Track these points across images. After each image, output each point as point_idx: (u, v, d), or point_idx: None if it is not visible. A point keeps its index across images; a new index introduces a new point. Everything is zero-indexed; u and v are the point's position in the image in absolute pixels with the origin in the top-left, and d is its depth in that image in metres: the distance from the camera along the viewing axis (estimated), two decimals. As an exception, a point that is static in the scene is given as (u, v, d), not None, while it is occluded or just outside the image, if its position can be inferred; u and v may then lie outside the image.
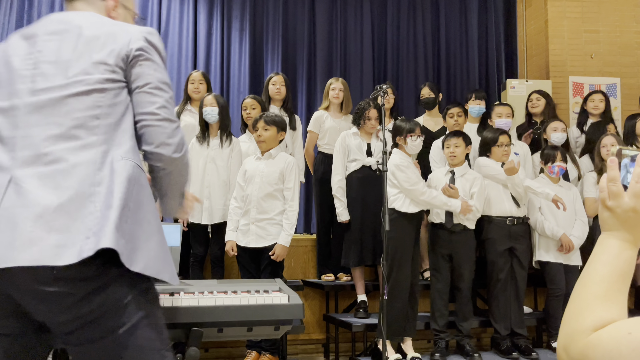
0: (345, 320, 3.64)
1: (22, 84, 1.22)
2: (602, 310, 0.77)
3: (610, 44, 5.51)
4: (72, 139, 1.17)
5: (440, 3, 5.90)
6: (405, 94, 5.67)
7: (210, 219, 3.56)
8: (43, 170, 1.15)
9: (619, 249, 0.81)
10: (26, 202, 1.12)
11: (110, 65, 1.23)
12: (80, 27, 1.28)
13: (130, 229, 1.14)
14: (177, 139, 1.26)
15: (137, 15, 1.54)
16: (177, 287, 1.88)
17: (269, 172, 3.30)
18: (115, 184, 1.15)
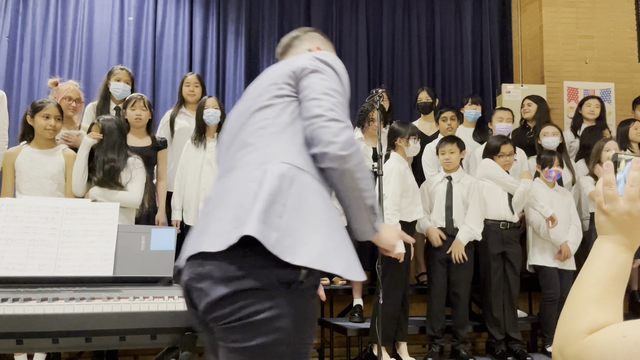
0: (340, 325, 3.63)
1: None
2: (598, 313, 0.77)
3: (604, 50, 5.54)
4: (245, 147, 1.32)
5: (436, 7, 5.92)
6: (400, 98, 5.68)
7: None
8: (224, 178, 1.33)
9: (614, 252, 0.81)
10: (208, 204, 1.29)
11: (278, 84, 1.36)
12: (271, 68, 1.47)
13: (287, 225, 1.15)
14: (343, 137, 1.26)
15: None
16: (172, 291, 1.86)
17: None
18: (266, 181, 1.20)
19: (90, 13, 5.19)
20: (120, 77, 3.75)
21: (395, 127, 3.43)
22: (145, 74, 5.24)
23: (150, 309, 1.73)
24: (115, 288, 1.84)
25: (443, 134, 3.91)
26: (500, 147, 3.63)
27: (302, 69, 1.35)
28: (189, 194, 3.52)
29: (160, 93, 5.28)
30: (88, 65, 5.12)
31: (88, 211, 1.98)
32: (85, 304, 1.68)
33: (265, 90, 1.37)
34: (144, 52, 5.27)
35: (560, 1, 5.54)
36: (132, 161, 3.08)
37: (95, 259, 1.91)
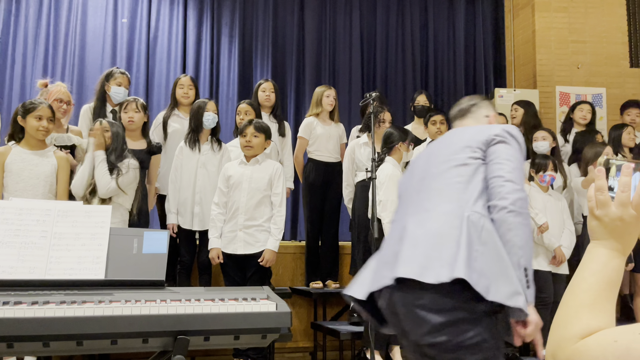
0: (333, 328, 3.62)
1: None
2: (590, 318, 0.78)
3: (596, 55, 5.59)
4: (441, 195, 1.61)
5: (429, 12, 5.95)
6: (394, 101, 5.69)
7: (201, 225, 3.50)
8: (419, 217, 1.60)
9: (607, 257, 0.82)
10: (406, 236, 1.56)
11: (473, 148, 1.67)
12: (463, 130, 1.81)
13: (481, 267, 1.44)
14: (514, 197, 1.56)
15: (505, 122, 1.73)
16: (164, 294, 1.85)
17: (257, 178, 3.27)
18: (464, 230, 1.49)
19: (84, 15, 5.17)
20: (122, 82, 3.74)
21: (394, 131, 3.43)
22: (139, 76, 5.23)
23: (142, 313, 1.72)
24: (107, 291, 1.83)
25: (432, 137, 3.92)
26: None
27: (493, 139, 1.68)
28: (184, 197, 3.50)
29: (153, 96, 5.26)
30: (81, 67, 5.10)
31: (80, 214, 1.97)
32: (76, 308, 1.67)
33: (461, 151, 1.69)
34: (137, 54, 5.25)
35: (553, 6, 5.58)
36: (127, 161, 3.06)
37: (87, 262, 1.90)
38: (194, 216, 3.50)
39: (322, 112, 4.16)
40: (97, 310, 1.68)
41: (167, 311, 1.74)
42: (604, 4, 5.64)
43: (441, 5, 5.99)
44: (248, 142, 3.26)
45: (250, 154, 3.30)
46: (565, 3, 5.60)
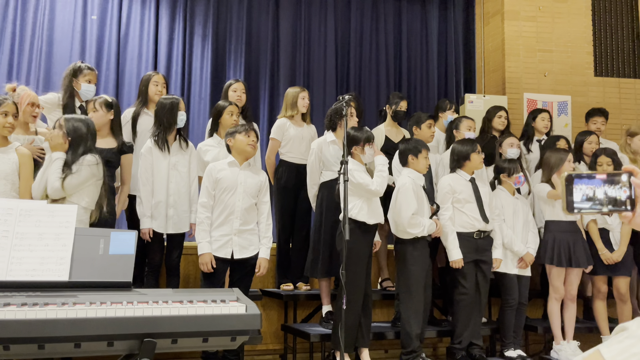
0: (303, 330, 3.62)
1: None
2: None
3: (562, 64, 5.75)
4: None
5: (403, 17, 6.02)
6: (367, 104, 5.73)
7: (176, 228, 3.42)
8: None
9: None
10: None
11: None
12: None
13: None
14: None
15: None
16: (131, 296, 1.82)
17: (251, 184, 3.22)
18: None
19: (52, 10, 5.04)
20: (91, 79, 3.64)
21: (350, 133, 3.37)
22: (109, 74, 5.12)
23: (107, 315, 1.68)
24: (71, 293, 1.79)
25: (426, 140, 3.84)
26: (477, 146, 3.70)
27: None
28: (157, 200, 3.40)
29: (123, 94, 5.17)
30: (48, 64, 4.97)
31: (44, 213, 1.91)
32: (38, 310, 1.62)
33: None
34: (107, 52, 5.15)
35: (522, 16, 5.72)
36: (83, 158, 2.91)
37: (50, 263, 1.85)
38: (167, 219, 3.42)
39: (296, 114, 4.14)
40: (60, 312, 1.64)
41: (134, 313, 1.71)
42: (570, 15, 5.81)
43: (414, 11, 6.07)
44: (254, 142, 3.26)
45: (251, 155, 3.29)
46: (533, 13, 5.75)
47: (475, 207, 3.63)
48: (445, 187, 3.67)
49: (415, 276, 3.45)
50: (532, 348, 4.41)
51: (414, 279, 3.45)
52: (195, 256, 3.32)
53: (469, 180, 3.68)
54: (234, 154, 3.25)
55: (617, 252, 3.80)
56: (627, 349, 0.70)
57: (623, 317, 3.89)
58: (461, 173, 3.70)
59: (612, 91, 5.82)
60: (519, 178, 3.78)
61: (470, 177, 3.68)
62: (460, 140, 3.84)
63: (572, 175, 0.91)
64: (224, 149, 3.56)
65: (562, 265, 3.72)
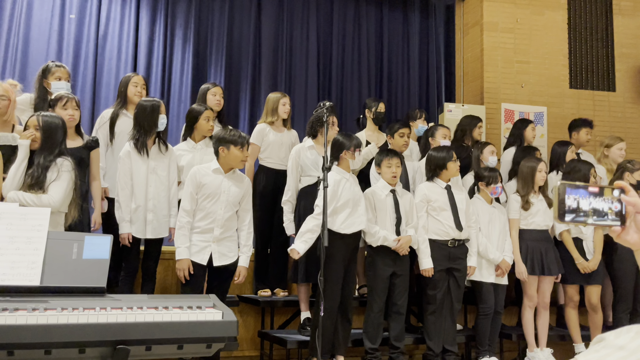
0: (280, 337, 3.60)
1: None
2: None
3: (539, 75, 5.87)
4: None
5: (384, 25, 6.07)
6: (349, 110, 5.76)
7: (155, 233, 3.36)
8: None
9: None
10: None
11: None
12: None
13: None
14: None
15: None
16: (104, 302, 1.78)
17: (234, 193, 3.16)
18: None
19: (29, 8, 4.95)
20: (61, 76, 3.57)
21: (339, 139, 3.40)
22: (86, 74, 5.04)
23: (80, 321, 1.64)
24: (42, 299, 1.74)
25: (399, 149, 3.90)
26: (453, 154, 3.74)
27: None
28: (136, 205, 3.34)
29: (101, 94, 5.09)
30: (24, 62, 4.87)
31: (15, 216, 1.87)
32: (7, 315, 1.58)
33: None
34: (85, 51, 5.07)
35: (500, 27, 5.83)
36: (61, 162, 2.86)
37: (21, 267, 1.80)
38: (147, 224, 3.35)
39: (277, 120, 4.12)
40: (30, 318, 1.59)
41: (107, 320, 1.68)
42: (547, 28, 5.94)
43: (396, 18, 6.13)
44: (246, 158, 3.20)
45: (241, 166, 3.23)
46: (511, 24, 5.86)
47: (450, 215, 3.65)
48: (420, 196, 3.70)
49: (372, 283, 3.52)
50: (506, 355, 4.46)
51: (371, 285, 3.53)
52: (173, 261, 3.28)
53: (445, 188, 3.71)
54: (222, 162, 3.14)
55: (593, 261, 3.87)
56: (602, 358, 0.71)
57: (594, 325, 3.95)
58: (437, 181, 3.72)
59: (587, 103, 5.96)
60: (495, 189, 3.81)
61: (445, 184, 3.71)
62: (436, 147, 3.86)
63: (565, 185, 0.93)
64: (198, 153, 3.51)
65: (535, 273, 3.78)
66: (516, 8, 5.86)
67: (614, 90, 6.03)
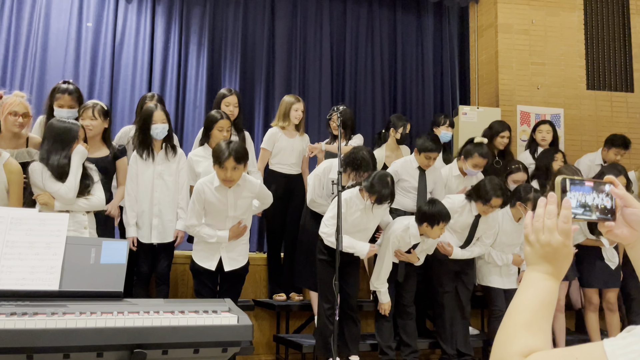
0: (295, 341, 3.60)
1: None
2: (528, 337, 0.82)
3: (555, 77, 5.80)
4: None
5: (398, 28, 6.06)
6: (363, 114, 5.75)
7: (160, 237, 3.39)
8: None
9: (540, 280, 0.88)
10: None
11: None
12: None
13: None
14: None
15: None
16: (121, 306, 1.80)
17: (241, 205, 3.18)
18: None
19: (47, 17, 5.04)
20: (64, 104, 3.41)
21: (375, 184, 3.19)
22: (103, 82, 5.12)
23: (98, 325, 1.66)
24: (61, 303, 1.77)
25: (424, 167, 3.82)
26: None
27: None
28: (142, 210, 3.37)
29: (117, 102, 5.16)
30: (42, 70, 4.96)
31: (35, 222, 1.90)
32: (27, 320, 1.60)
33: None
34: (102, 59, 5.15)
35: (515, 29, 5.78)
36: (90, 166, 3.04)
37: (41, 272, 1.83)
38: (152, 228, 3.38)
39: (288, 125, 4.11)
40: (50, 322, 1.62)
41: (124, 324, 1.69)
42: (562, 29, 5.87)
43: (410, 21, 6.12)
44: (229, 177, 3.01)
45: (229, 186, 3.10)
46: (526, 26, 5.81)
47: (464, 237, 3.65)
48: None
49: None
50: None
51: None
52: (186, 266, 3.32)
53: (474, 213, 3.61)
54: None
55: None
56: (629, 345, 0.72)
57: (612, 327, 3.95)
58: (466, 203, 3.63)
59: (604, 104, 5.87)
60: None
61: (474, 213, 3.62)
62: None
63: (566, 180, 0.93)
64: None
65: None
66: (531, 9, 5.81)
67: (632, 91, 5.94)
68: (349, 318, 3.37)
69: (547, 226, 0.89)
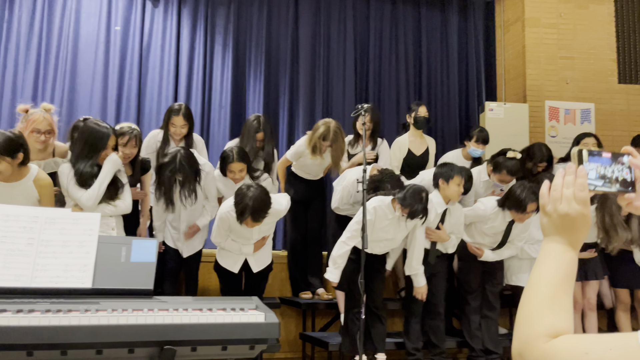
0: (321, 339, 3.61)
1: None
2: (552, 316, 0.81)
3: (584, 71, 5.67)
4: None
5: (422, 24, 6.00)
6: (388, 113, 5.72)
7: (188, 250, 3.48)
8: None
9: (559, 252, 0.86)
10: None
11: None
12: None
13: None
14: None
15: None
16: (151, 304, 1.84)
17: (264, 231, 3.31)
18: None
19: (77, 21, 5.16)
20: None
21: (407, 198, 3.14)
22: (131, 84, 5.22)
23: (129, 322, 1.70)
24: (94, 300, 1.81)
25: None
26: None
27: None
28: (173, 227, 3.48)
29: (145, 104, 5.25)
30: (73, 74, 5.08)
31: (68, 221, 1.95)
32: (61, 316, 1.65)
33: None
34: (130, 62, 5.25)
35: (543, 22, 5.66)
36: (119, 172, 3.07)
37: (74, 270, 1.88)
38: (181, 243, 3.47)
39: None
40: (83, 319, 1.66)
41: (154, 321, 1.73)
42: (592, 21, 5.73)
43: (434, 18, 6.06)
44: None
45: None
46: (554, 20, 5.68)
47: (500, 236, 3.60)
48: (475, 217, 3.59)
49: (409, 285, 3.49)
50: None
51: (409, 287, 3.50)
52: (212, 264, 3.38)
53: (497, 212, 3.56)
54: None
55: None
56: None
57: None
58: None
59: (637, 99, 5.71)
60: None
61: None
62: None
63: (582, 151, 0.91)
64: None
65: (577, 279, 3.71)
66: (559, 2, 5.69)
67: (667, 84, 5.76)
68: (375, 316, 3.37)
69: (565, 196, 0.86)
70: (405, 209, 3.13)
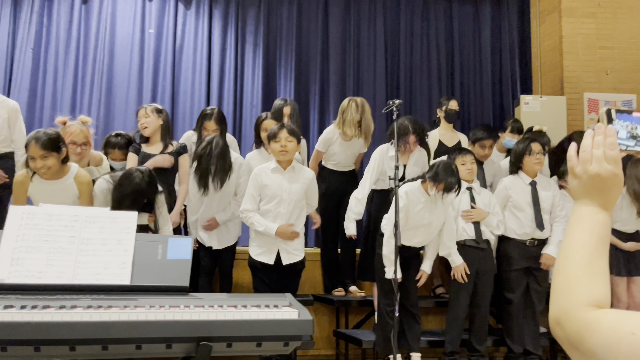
0: (355, 337, 3.60)
1: None
2: (589, 284, 0.78)
3: (625, 61, 5.46)
4: None
5: (454, 17, 5.91)
6: (419, 109, 5.66)
7: (221, 243, 3.52)
8: None
9: (592, 214, 0.84)
10: None
11: None
12: None
13: None
14: None
15: None
16: (187, 300, 1.87)
17: (296, 190, 3.21)
18: None
19: (112, 25, 5.30)
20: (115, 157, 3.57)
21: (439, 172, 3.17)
22: (165, 85, 5.32)
23: (166, 318, 1.73)
24: (132, 296, 1.86)
25: (479, 159, 3.75)
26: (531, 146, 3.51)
27: None
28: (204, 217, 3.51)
29: (179, 104, 5.35)
30: (109, 76, 5.22)
31: (106, 220, 2.00)
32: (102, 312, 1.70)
33: None
34: (163, 63, 5.35)
35: (580, 12, 5.49)
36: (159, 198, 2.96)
37: (113, 268, 1.93)
38: (213, 235, 3.51)
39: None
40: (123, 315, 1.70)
41: (191, 317, 1.75)
42: (633, 9, 5.52)
43: (466, 11, 5.95)
44: (284, 147, 3.13)
45: (285, 158, 3.18)
46: (593, 8, 5.50)
47: (532, 213, 3.49)
48: (501, 191, 3.58)
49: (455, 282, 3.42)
50: None
51: (454, 285, 3.43)
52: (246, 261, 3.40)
53: (529, 184, 3.55)
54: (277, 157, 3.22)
55: None
56: None
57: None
58: (522, 175, 3.58)
59: (682, 88, 5.48)
60: None
61: (530, 180, 3.55)
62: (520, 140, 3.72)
63: (611, 110, 0.87)
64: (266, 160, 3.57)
65: (621, 274, 3.57)
66: (597, -9, 5.51)
67: None
68: (409, 314, 3.34)
69: (595, 156, 0.83)
70: (440, 184, 3.14)
